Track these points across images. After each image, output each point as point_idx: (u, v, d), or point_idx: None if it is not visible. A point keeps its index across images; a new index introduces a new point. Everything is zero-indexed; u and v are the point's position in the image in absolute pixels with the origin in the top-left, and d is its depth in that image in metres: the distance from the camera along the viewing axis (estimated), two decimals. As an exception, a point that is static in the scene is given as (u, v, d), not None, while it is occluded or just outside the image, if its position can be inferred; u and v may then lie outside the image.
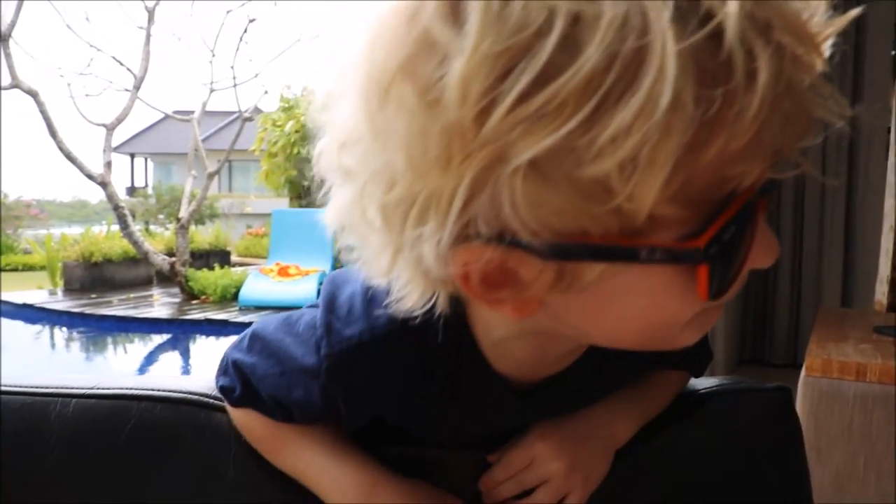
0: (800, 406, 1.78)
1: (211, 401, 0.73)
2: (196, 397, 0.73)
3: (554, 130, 0.36)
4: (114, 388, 0.74)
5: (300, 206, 14.14)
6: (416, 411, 0.65)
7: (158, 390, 0.74)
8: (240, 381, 0.67)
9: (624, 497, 0.72)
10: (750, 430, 0.76)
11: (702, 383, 0.79)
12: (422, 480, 0.69)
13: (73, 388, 0.74)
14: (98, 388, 0.74)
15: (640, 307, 0.45)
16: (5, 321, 8.76)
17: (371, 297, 0.59)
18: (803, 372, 1.81)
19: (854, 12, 0.41)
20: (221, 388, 0.69)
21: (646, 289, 0.44)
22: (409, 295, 0.48)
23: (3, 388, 0.74)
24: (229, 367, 0.68)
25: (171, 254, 9.47)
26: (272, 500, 0.70)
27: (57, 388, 0.74)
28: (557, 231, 0.40)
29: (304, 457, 0.68)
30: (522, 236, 0.40)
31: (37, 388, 0.74)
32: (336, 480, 0.67)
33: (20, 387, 0.75)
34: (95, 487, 0.71)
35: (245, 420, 0.70)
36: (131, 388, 0.74)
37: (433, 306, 0.49)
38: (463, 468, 0.70)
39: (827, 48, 0.40)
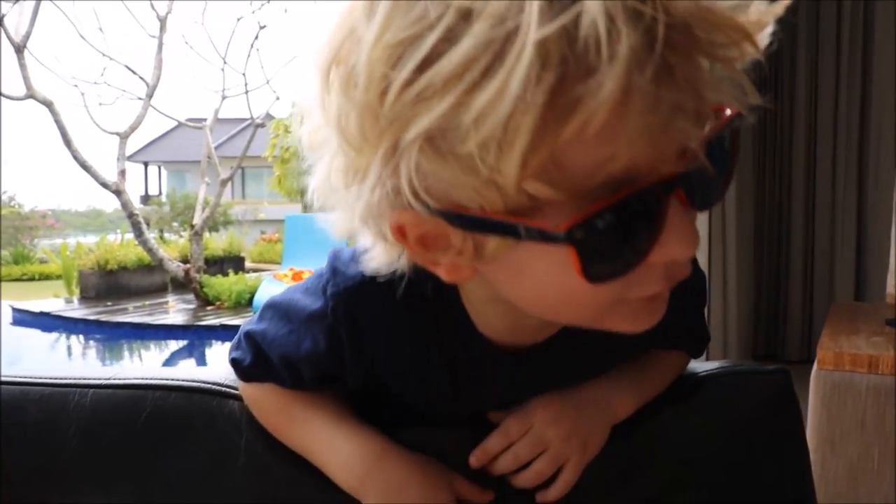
0: (812, 399, 1.78)
1: (222, 389, 0.76)
2: (208, 386, 0.76)
3: (430, 112, 0.41)
4: (129, 379, 0.77)
5: (313, 212, 14.16)
6: (415, 364, 0.67)
7: (172, 380, 0.76)
8: (251, 351, 0.71)
9: (625, 479, 0.74)
10: (750, 411, 0.77)
11: (702, 366, 0.80)
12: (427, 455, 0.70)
13: (90, 379, 0.77)
14: (114, 379, 0.77)
15: (545, 282, 0.49)
16: (22, 329, 8.84)
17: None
18: (815, 365, 1.80)
19: (783, 2, 0.44)
20: (233, 361, 0.72)
21: (542, 265, 0.48)
22: (375, 254, 0.56)
23: (25, 380, 0.77)
24: (241, 340, 0.72)
25: (185, 261, 9.52)
26: (282, 484, 0.72)
27: (75, 379, 0.77)
28: (458, 203, 0.45)
29: (312, 429, 0.70)
30: (431, 205, 0.46)
31: (56, 379, 0.78)
32: (342, 451, 0.69)
33: (40, 378, 0.78)
34: (112, 473, 0.74)
35: (256, 395, 0.73)
36: (146, 379, 0.77)
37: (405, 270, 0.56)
38: (464, 452, 0.72)
39: (747, 35, 0.43)
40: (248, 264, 12.64)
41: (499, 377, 0.69)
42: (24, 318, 9.32)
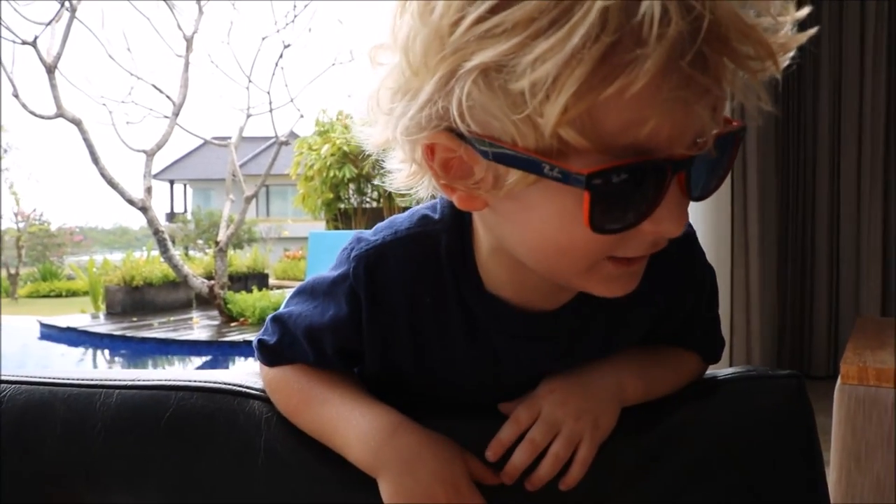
0: (836, 414, 1.76)
1: (243, 389, 0.78)
2: (229, 386, 0.78)
3: (495, 47, 0.47)
4: (153, 380, 0.79)
5: (336, 229, 14.26)
6: (434, 318, 0.70)
7: (194, 381, 0.79)
8: (278, 331, 0.75)
9: (638, 477, 0.74)
10: (763, 414, 0.77)
11: (716, 372, 0.81)
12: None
13: (116, 379, 0.80)
14: (139, 380, 0.79)
15: (548, 225, 0.55)
16: (50, 344, 8.95)
17: (394, 218, 0.72)
18: (839, 380, 1.78)
19: (809, 33, 0.51)
20: (259, 342, 0.76)
21: (551, 209, 0.54)
22: (399, 172, 0.63)
23: (54, 380, 0.80)
24: (268, 325, 0.76)
25: (209, 277, 9.59)
26: (301, 481, 0.73)
27: (101, 380, 0.80)
28: (494, 136, 0.52)
29: (331, 406, 0.72)
30: (469, 133, 0.52)
31: (83, 379, 0.80)
32: (357, 426, 0.70)
33: (68, 379, 0.80)
34: (138, 470, 0.76)
35: (278, 378, 0.76)
36: (169, 380, 0.79)
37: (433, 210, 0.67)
38: (479, 444, 0.72)
39: (772, 54, 0.49)
40: (271, 281, 12.71)
41: (511, 336, 0.71)
42: (52, 333, 9.44)
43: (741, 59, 0.48)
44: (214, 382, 0.78)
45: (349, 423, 0.71)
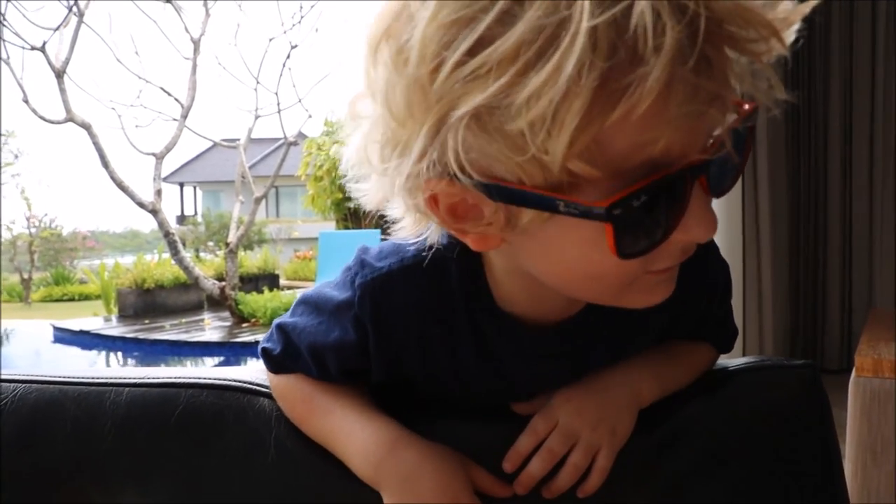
0: (851, 408, 1.75)
1: (253, 387, 0.77)
2: (239, 384, 0.78)
3: (483, 90, 0.44)
4: (163, 378, 0.79)
5: (346, 228, 14.29)
6: (443, 347, 0.69)
7: (204, 378, 0.78)
8: (282, 341, 0.73)
9: (652, 467, 0.73)
10: (777, 404, 0.76)
11: (730, 362, 0.80)
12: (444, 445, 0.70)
13: (125, 377, 0.80)
14: (148, 378, 0.79)
15: (572, 256, 0.53)
16: (63, 347, 9.00)
17: (400, 242, 0.67)
18: (854, 373, 1.77)
19: (811, 3, 0.47)
20: (263, 350, 0.75)
21: (573, 240, 0.51)
22: (405, 224, 0.61)
23: (64, 379, 0.80)
24: (273, 332, 0.75)
25: (220, 278, 9.62)
26: (310, 478, 0.73)
27: (111, 378, 0.80)
28: (499, 177, 0.48)
29: (333, 419, 0.72)
30: (472, 177, 0.49)
31: (93, 378, 0.80)
32: (358, 440, 0.69)
33: (78, 377, 0.81)
34: (148, 467, 0.75)
35: (283, 386, 0.75)
36: (179, 377, 0.79)
37: (439, 248, 0.62)
38: (492, 448, 0.72)
39: (775, 31, 0.45)
40: (282, 282, 12.74)
41: (524, 357, 0.69)
42: (65, 337, 9.49)
43: (744, 46, 0.45)
44: (224, 380, 0.78)
45: (350, 437, 0.70)
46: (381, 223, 0.66)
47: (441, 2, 0.45)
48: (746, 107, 0.50)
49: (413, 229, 0.61)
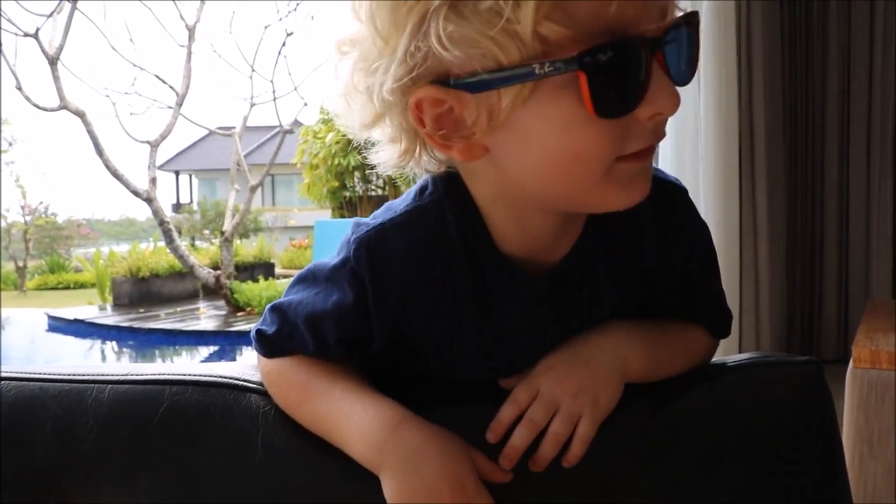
0: (848, 399, 1.74)
1: (240, 383, 0.75)
2: (225, 380, 0.75)
3: None
4: (146, 374, 0.77)
5: (342, 217, 14.27)
6: (443, 296, 0.69)
7: (189, 375, 0.76)
8: (277, 321, 0.73)
9: (652, 460, 0.72)
10: (780, 401, 0.74)
11: (732, 358, 0.78)
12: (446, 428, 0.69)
13: (108, 375, 0.77)
14: (132, 375, 0.77)
15: (553, 137, 0.57)
16: (58, 336, 8.99)
17: (391, 203, 0.71)
18: (851, 364, 1.76)
19: None
20: (257, 333, 0.74)
21: (553, 115, 0.56)
22: (389, 149, 0.65)
23: (44, 376, 0.78)
24: (266, 315, 0.74)
25: (216, 267, 9.62)
26: (299, 476, 0.71)
27: (93, 375, 0.77)
28: (477, 65, 0.54)
29: (331, 401, 0.70)
30: (453, 73, 0.55)
31: (74, 375, 0.78)
32: (360, 421, 0.68)
33: (59, 374, 0.78)
34: (131, 467, 0.73)
35: (277, 370, 0.74)
36: (163, 374, 0.77)
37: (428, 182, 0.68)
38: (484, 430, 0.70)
39: None
40: (278, 270, 12.73)
41: (519, 301, 0.70)
42: (59, 325, 9.49)
43: None
44: (209, 376, 0.75)
45: (350, 418, 0.68)
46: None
47: None
48: (688, 9, 0.58)
49: (398, 160, 0.65)
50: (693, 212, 0.75)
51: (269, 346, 0.74)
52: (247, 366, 0.77)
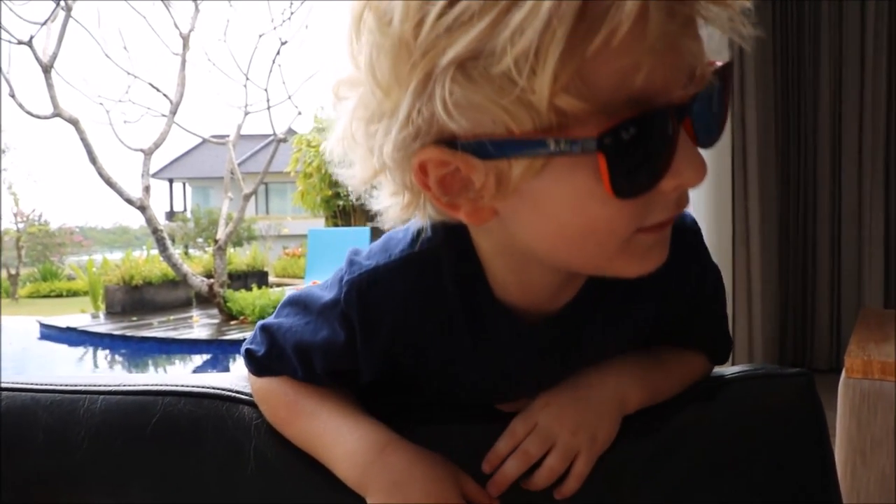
0: (840, 409, 1.74)
1: (232, 394, 0.75)
2: (217, 391, 0.75)
3: (466, 36, 0.45)
4: (139, 385, 0.77)
5: (336, 226, 14.26)
6: (437, 340, 0.67)
7: (181, 385, 0.76)
8: (266, 342, 0.72)
9: (646, 476, 0.72)
10: (772, 413, 0.75)
11: (725, 370, 0.79)
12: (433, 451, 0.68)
13: (100, 385, 0.77)
14: (124, 385, 0.77)
15: (566, 209, 0.52)
16: (50, 344, 8.95)
17: (388, 239, 0.68)
18: (843, 373, 1.77)
19: None
20: (247, 352, 0.73)
21: (566, 190, 0.51)
22: (392, 206, 0.59)
23: (36, 386, 0.77)
24: (257, 333, 0.73)
25: (209, 275, 9.58)
26: (290, 488, 0.71)
27: (85, 385, 0.77)
28: (486, 131, 0.48)
29: (319, 422, 0.70)
30: (460, 137, 0.49)
31: (67, 385, 0.77)
32: (346, 444, 0.67)
33: (51, 385, 0.78)
34: (122, 478, 0.73)
35: (266, 389, 0.73)
36: (156, 385, 0.76)
37: (427, 232, 0.63)
38: (478, 450, 0.70)
39: None
40: (271, 279, 12.72)
41: (516, 347, 0.69)
42: (52, 334, 9.43)
43: None
44: (202, 387, 0.75)
45: (337, 440, 0.68)
46: (372, 219, 0.65)
47: None
48: (718, 63, 0.52)
49: (401, 214, 0.59)
50: (705, 255, 0.72)
51: (258, 366, 0.73)
52: (240, 377, 0.77)
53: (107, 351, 8.54)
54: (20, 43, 8.29)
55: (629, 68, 0.45)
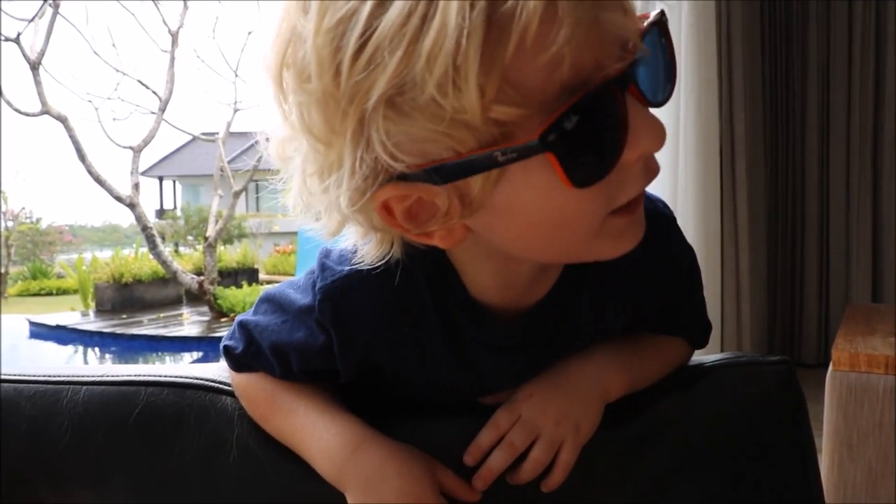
0: (828, 401, 1.75)
1: (215, 385, 0.75)
2: (200, 381, 0.75)
3: (385, 70, 0.44)
4: (122, 375, 0.77)
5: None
6: (414, 344, 0.67)
7: (164, 376, 0.76)
8: (244, 339, 0.72)
9: (627, 464, 0.72)
10: (753, 400, 0.75)
11: (705, 358, 0.79)
12: (410, 445, 0.68)
13: (83, 375, 0.77)
14: (107, 376, 0.77)
15: (534, 211, 0.51)
16: (40, 343, 8.91)
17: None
18: (830, 367, 1.78)
19: None
20: (225, 348, 0.73)
21: (528, 194, 0.50)
22: (366, 249, 0.59)
23: (18, 377, 0.77)
24: (235, 330, 0.73)
25: (199, 273, 9.56)
26: (273, 478, 0.71)
27: (68, 376, 0.77)
28: (433, 158, 0.48)
29: (297, 417, 0.70)
30: (409, 170, 0.48)
31: (49, 376, 0.78)
32: (322, 439, 0.68)
33: (34, 375, 0.78)
34: (105, 468, 0.73)
35: (245, 384, 0.73)
36: (139, 375, 0.76)
37: (393, 254, 0.59)
38: (461, 444, 0.70)
39: None
40: (262, 276, 12.67)
41: (493, 348, 0.68)
42: (41, 332, 9.40)
43: None
44: (185, 377, 0.75)
45: (313, 436, 0.68)
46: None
47: (321, 10, 0.46)
48: (649, 15, 0.50)
49: (377, 251, 0.59)
50: (680, 240, 0.73)
51: (237, 362, 0.74)
52: (223, 368, 0.77)
53: (97, 349, 8.52)
54: (7, 40, 8.24)
55: (552, 62, 0.44)
